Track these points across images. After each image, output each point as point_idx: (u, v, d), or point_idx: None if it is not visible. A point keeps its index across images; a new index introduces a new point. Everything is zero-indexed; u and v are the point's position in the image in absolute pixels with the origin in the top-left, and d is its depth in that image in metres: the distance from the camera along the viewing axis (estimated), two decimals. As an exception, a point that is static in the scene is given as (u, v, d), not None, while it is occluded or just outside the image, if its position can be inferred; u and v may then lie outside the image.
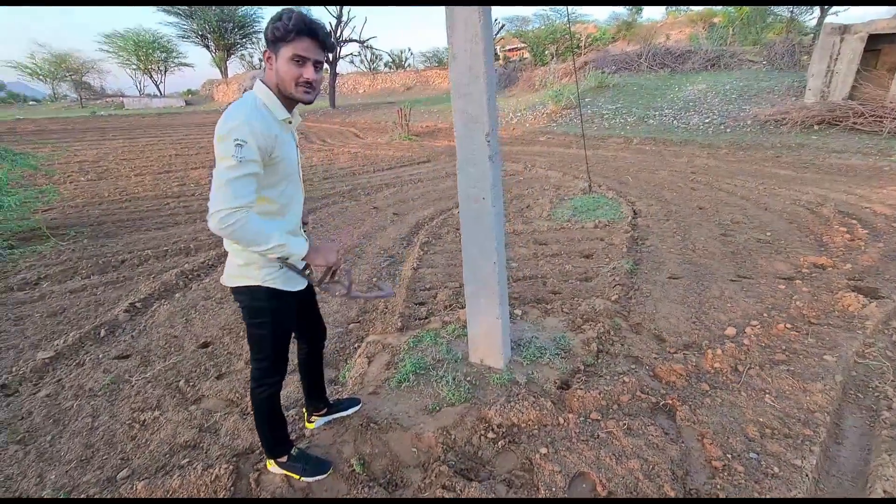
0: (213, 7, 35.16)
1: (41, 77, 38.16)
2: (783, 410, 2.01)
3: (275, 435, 1.69)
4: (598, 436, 1.88)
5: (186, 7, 34.94)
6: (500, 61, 30.57)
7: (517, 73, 23.53)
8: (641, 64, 16.44)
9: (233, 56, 40.71)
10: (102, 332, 2.90)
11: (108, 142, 13.18)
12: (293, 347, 1.75)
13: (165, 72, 41.44)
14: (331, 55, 24.69)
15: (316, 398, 1.99)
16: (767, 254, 3.90)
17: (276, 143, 1.35)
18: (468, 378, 2.30)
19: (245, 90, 1.48)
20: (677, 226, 4.73)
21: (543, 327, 2.86)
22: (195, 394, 2.30)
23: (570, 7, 27.24)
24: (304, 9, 1.42)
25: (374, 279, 3.73)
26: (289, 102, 1.42)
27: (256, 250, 1.31)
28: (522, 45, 29.42)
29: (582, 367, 2.42)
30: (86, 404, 2.22)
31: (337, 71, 26.87)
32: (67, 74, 38.32)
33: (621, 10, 33.05)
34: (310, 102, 1.42)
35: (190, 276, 3.81)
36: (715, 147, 9.33)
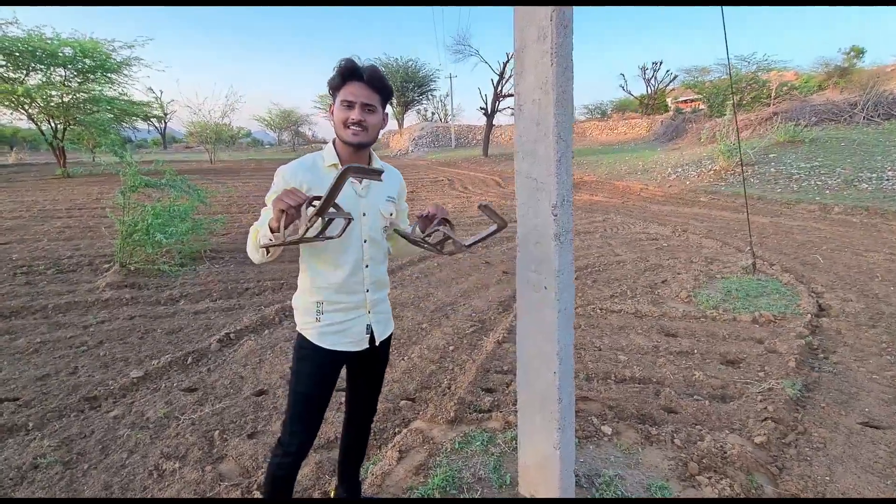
0: (398, 69, 40.69)
1: (273, 127, 48.73)
2: None
3: None
4: None
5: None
6: (670, 112, 28.31)
7: (687, 124, 21.38)
8: (856, 114, 13.27)
9: (410, 110, 46.28)
10: (190, 360, 3.11)
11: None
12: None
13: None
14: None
15: (342, 474, 1.81)
16: None
17: (305, 186, 1.36)
18: (505, 520, 1.73)
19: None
20: (890, 338, 3.29)
21: (638, 463, 2.09)
22: (221, 450, 2.20)
23: (760, 53, 23.93)
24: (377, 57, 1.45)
25: (451, 347, 3.36)
26: (350, 151, 1.43)
27: (251, 247, 1.31)
28: (698, 96, 26.85)
29: (679, 551, 1.63)
30: (133, 436, 2.30)
31: (494, 123, 28.15)
32: (289, 125, 48.20)
33: (834, 55, 27.82)
34: (361, 145, 1.40)
35: (287, 313, 3.98)
36: (972, 226, 6.69)
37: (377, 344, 1.55)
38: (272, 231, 1.17)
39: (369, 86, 1.36)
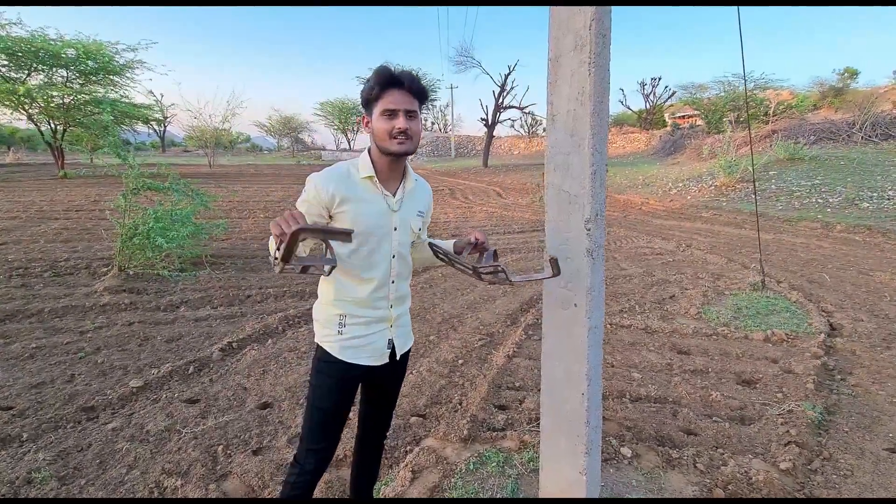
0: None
1: (272, 133, 48.71)
2: None
3: None
4: None
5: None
6: (668, 127, 28.56)
7: (685, 140, 21.56)
8: (854, 134, 13.41)
9: (410, 119, 46.39)
10: (191, 369, 3.01)
11: (298, 186, 15.64)
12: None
13: (357, 131, 49.31)
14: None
15: (355, 495, 1.73)
16: None
17: (336, 199, 1.30)
18: (527, 549, 1.64)
19: None
20: (906, 360, 3.24)
21: (661, 488, 2.01)
22: (225, 467, 2.10)
23: (758, 71, 24.23)
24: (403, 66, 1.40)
25: (460, 361, 3.27)
26: (387, 164, 1.37)
27: (272, 256, 1.16)
28: (695, 112, 27.14)
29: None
30: (133, 450, 2.19)
31: (493, 134, 28.30)
32: (289, 132, 48.20)
33: (828, 75, 28.21)
34: (407, 153, 1.34)
35: (290, 322, 3.89)
36: (975, 247, 6.70)
37: (398, 358, 1.51)
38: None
39: (409, 92, 1.31)
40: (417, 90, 1.32)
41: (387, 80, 1.29)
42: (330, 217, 1.33)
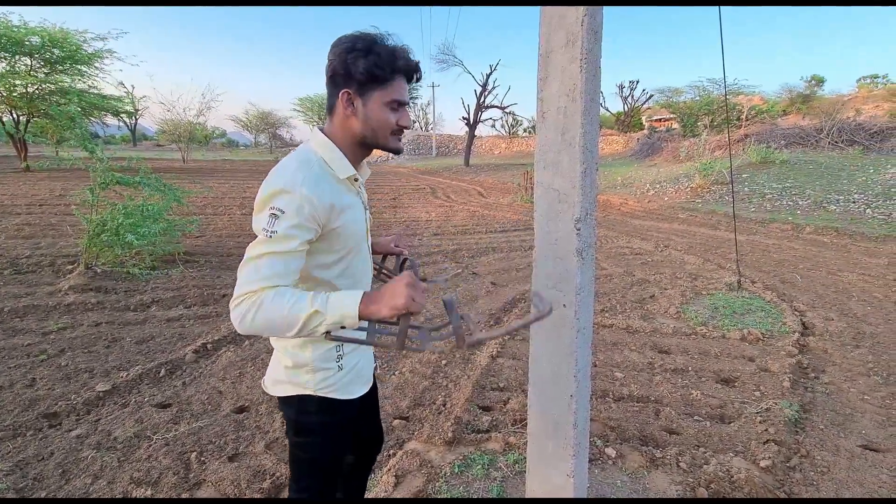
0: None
1: (249, 129, 47.62)
2: None
3: None
4: None
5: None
6: (645, 130, 29.14)
7: (662, 142, 22.02)
8: (822, 139, 13.92)
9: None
10: (163, 372, 2.88)
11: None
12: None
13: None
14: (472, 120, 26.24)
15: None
16: None
17: (333, 211, 1.02)
18: (514, 555, 1.61)
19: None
20: (875, 358, 3.35)
21: (645, 488, 2.01)
22: (199, 475, 2.01)
23: (731, 77, 25.01)
24: (387, 35, 1.07)
25: (443, 361, 3.22)
26: (358, 155, 1.13)
27: (292, 335, 0.90)
28: (671, 115, 27.77)
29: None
30: (99, 458, 2.08)
31: (475, 133, 28.34)
32: (267, 127, 47.20)
33: (796, 82, 29.31)
34: (401, 152, 1.20)
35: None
36: (933, 249, 7.02)
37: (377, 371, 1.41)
38: (378, 340, 0.93)
39: (410, 83, 1.13)
40: (418, 80, 1.15)
41: (405, 69, 1.07)
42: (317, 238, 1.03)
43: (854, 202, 9.50)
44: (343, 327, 0.91)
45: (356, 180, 1.14)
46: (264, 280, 0.90)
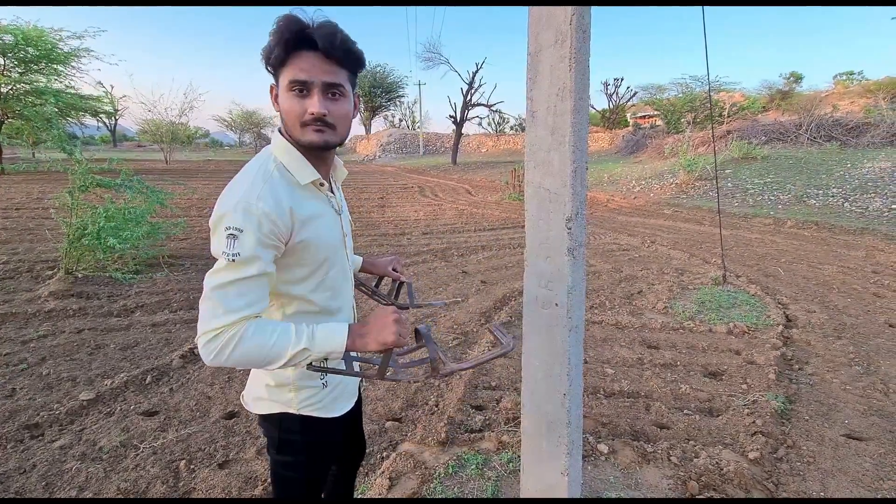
0: (367, 74, 40.36)
1: (233, 128, 46.87)
2: None
3: None
4: None
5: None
6: (630, 127, 29.45)
7: (646, 139, 22.28)
8: (801, 135, 14.22)
9: (377, 116, 45.83)
10: (149, 379, 2.82)
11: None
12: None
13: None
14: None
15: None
16: None
17: (296, 222, 0.94)
18: (510, 554, 1.61)
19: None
20: (855, 349, 3.43)
21: (637, 483, 2.03)
22: (188, 483, 1.97)
23: (712, 74, 25.41)
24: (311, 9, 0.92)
25: (453, 340, 3.21)
26: (320, 155, 1.02)
27: (272, 369, 0.89)
28: (655, 112, 28.12)
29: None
30: (84, 470, 2.03)
31: (462, 132, 28.34)
32: (251, 127, 46.52)
33: (775, 79, 29.93)
34: (328, 146, 0.98)
35: (257, 326, 3.72)
36: (908, 240, 7.23)
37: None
38: (363, 371, 0.92)
39: (330, 56, 0.91)
40: (341, 53, 0.92)
41: (295, 39, 0.88)
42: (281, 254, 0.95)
43: (833, 196, 9.73)
44: (327, 363, 0.90)
45: (322, 185, 1.03)
46: (238, 312, 0.85)
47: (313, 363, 0.91)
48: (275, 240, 0.90)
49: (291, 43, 0.89)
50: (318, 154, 1.02)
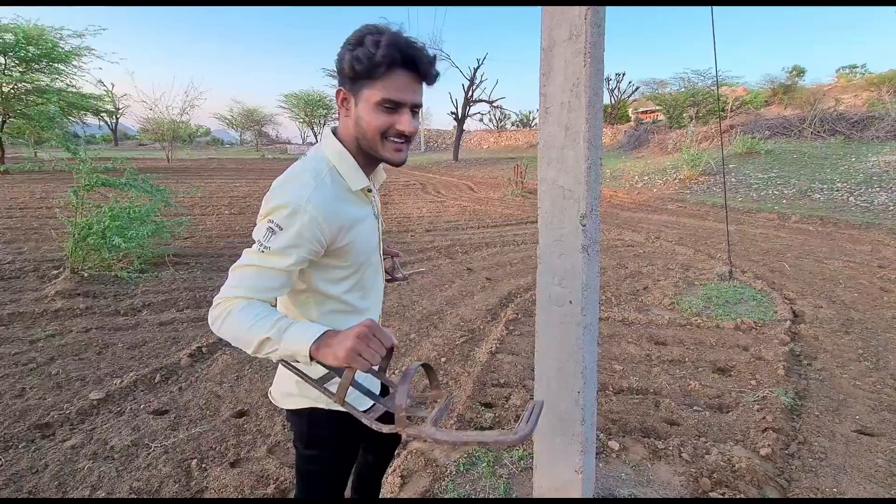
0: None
1: (234, 126, 46.82)
2: None
3: None
4: None
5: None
6: (632, 122, 29.35)
7: (648, 134, 22.19)
8: (805, 129, 14.14)
9: (377, 112, 45.65)
10: (158, 378, 2.83)
11: (264, 181, 15.09)
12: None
13: (324, 125, 48.16)
14: (460, 113, 26.16)
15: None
16: None
17: (342, 230, 0.96)
18: (524, 552, 1.61)
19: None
20: (864, 344, 3.42)
21: (649, 480, 2.03)
22: (200, 482, 1.98)
23: (718, 68, 25.25)
24: (394, 25, 0.93)
25: (443, 359, 3.21)
26: (370, 160, 1.04)
27: (250, 353, 0.87)
28: (657, 107, 28.00)
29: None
30: (96, 469, 2.03)
31: (464, 128, 28.27)
32: (252, 125, 46.47)
33: (778, 73, 29.69)
34: (401, 164, 1.01)
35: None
36: (914, 235, 7.20)
37: None
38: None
39: (421, 78, 0.94)
40: (432, 76, 0.96)
41: (399, 58, 0.89)
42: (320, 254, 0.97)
43: (837, 190, 9.69)
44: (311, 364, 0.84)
45: (370, 191, 1.07)
46: (243, 290, 0.88)
47: (287, 361, 0.92)
48: (314, 243, 0.92)
49: (398, 62, 0.89)
50: (372, 162, 1.05)
